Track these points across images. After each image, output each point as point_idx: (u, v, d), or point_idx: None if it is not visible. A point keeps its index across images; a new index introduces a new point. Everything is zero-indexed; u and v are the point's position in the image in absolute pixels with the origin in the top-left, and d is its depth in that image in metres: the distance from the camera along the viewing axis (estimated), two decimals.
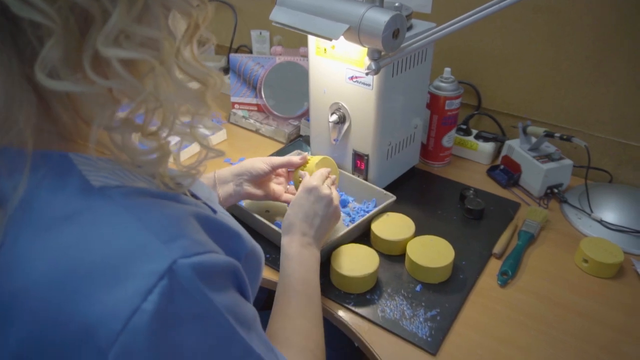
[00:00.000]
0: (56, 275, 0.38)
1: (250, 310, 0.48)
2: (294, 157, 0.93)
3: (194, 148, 1.20)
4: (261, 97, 1.32)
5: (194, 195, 0.53)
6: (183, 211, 0.44)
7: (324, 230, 0.81)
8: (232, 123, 1.34)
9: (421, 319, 0.76)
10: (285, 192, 0.96)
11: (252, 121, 1.31)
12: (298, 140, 1.25)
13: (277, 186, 0.95)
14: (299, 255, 0.75)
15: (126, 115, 0.43)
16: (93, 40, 0.37)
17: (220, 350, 0.42)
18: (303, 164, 0.92)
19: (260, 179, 0.90)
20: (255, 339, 0.46)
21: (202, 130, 0.50)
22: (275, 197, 0.94)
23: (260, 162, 0.91)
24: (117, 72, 0.38)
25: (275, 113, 1.31)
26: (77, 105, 0.42)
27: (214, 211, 0.53)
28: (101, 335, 0.37)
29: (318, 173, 0.84)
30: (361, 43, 0.79)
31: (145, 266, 0.38)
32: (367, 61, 0.82)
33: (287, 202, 0.92)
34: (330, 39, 0.80)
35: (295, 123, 1.28)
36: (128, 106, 0.43)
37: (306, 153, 0.95)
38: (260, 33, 1.49)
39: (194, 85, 0.46)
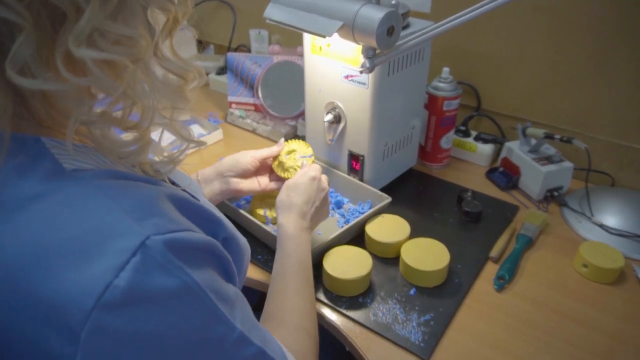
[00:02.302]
0: (25, 254, 0.37)
1: (231, 289, 0.47)
2: (274, 147, 0.92)
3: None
4: (258, 97, 1.30)
5: (173, 184, 0.52)
6: (158, 191, 0.44)
7: (316, 221, 0.82)
8: (229, 122, 1.33)
9: (414, 324, 0.74)
10: (270, 180, 0.94)
11: (249, 121, 1.29)
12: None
13: (261, 177, 0.93)
14: (297, 236, 0.74)
15: (104, 109, 0.43)
16: (65, 38, 0.36)
17: (202, 326, 0.41)
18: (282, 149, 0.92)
19: (247, 174, 0.89)
20: (239, 317, 0.45)
21: (197, 130, 0.50)
22: (262, 189, 0.92)
23: (244, 157, 0.89)
24: (91, 71, 0.37)
25: (272, 113, 1.30)
26: (52, 100, 0.41)
27: (196, 199, 0.52)
28: (73, 314, 0.36)
29: (318, 167, 0.84)
30: (355, 40, 0.77)
31: (116, 243, 0.38)
32: (361, 59, 0.80)
33: (274, 190, 0.92)
34: (324, 36, 0.78)
35: (292, 123, 1.27)
36: (106, 99, 0.42)
37: (282, 139, 0.94)
38: (259, 32, 1.47)
39: (173, 79, 0.46)
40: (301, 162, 0.89)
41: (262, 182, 0.92)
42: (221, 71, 1.51)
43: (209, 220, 0.50)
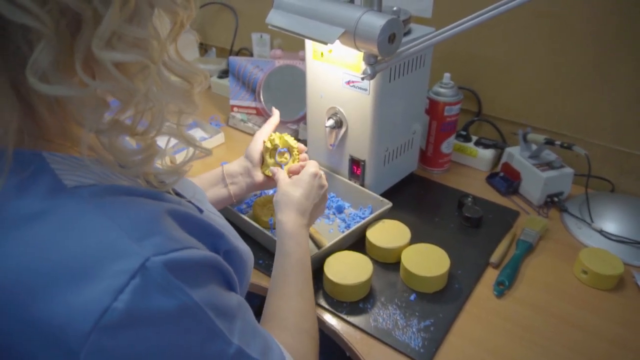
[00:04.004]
0: (24, 274, 0.37)
1: (233, 299, 0.47)
2: (271, 119, 0.93)
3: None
4: (260, 101, 1.31)
5: (178, 194, 0.52)
6: (158, 208, 0.43)
7: (314, 218, 0.82)
8: (230, 126, 1.34)
9: (414, 329, 0.74)
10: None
11: (250, 125, 1.30)
12: None
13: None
14: (297, 235, 0.74)
15: (114, 116, 0.43)
16: (85, 43, 0.37)
17: (200, 344, 0.41)
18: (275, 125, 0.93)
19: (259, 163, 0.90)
20: (239, 329, 0.45)
21: (199, 133, 0.50)
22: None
23: (253, 144, 0.90)
24: (111, 75, 0.38)
25: None
26: (66, 108, 0.41)
27: (200, 210, 0.52)
28: (70, 336, 0.36)
29: (316, 162, 0.85)
30: (357, 47, 0.78)
31: (115, 265, 0.37)
32: (363, 66, 0.80)
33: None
34: (326, 43, 0.79)
35: (294, 127, 1.27)
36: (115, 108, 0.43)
37: (275, 110, 0.95)
38: (261, 36, 1.48)
39: (181, 83, 0.46)
40: (282, 158, 0.90)
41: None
42: (223, 74, 1.51)
43: (210, 234, 0.50)
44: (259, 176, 0.89)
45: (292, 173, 0.85)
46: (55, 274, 0.37)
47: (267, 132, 0.91)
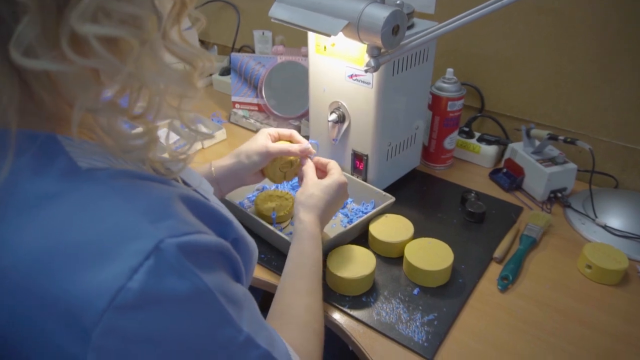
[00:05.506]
0: (40, 254, 0.37)
1: (240, 289, 0.47)
2: (293, 147, 0.86)
3: (196, 144, 1.18)
4: (262, 97, 1.30)
5: (185, 183, 0.52)
6: (171, 192, 0.43)
7: (326, 223, 0.83)
8: (232, 122, 1.33)
9: (418, 324, 0.74)
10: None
11: (252, 121, 1.29)
12: None
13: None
14: (317, 236, 0.75)
15: (111, 99, 0.42)
16: (69, 17, 0.36)
17: (211, 329, 0.41)
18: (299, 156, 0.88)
19: (255, 169, 0.86)
20: (247, 318, 0.45)
21: (201, 130, 0.49)
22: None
23: (258, 145, 0.85)
24: (96, 51, 0.37)
25: (276, 113, 1.30)
26: (58, 86, 0.40)
27: (206, 199, 0.52)
28: (86, 315, 0.36)
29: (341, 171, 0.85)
30: (360, 39, 0.77)
31: (131, 246, 0.38)
32: (366, 58, 0.80)
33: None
34: (329, 35, 0.78)
35: (296, 123, 1.27)
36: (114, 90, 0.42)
37: (309, 146, 0.89)
38: (263, 33, 1.48)
39: (182, 66, 0.45)
40: (285, 169, 0.89)
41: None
42: (225, 72, 1.51)
43: (220, 221, 0.50)
44: (248, 174, 0.86)
45: (317, 167, 0.86)
46: (73, 254, 0.37)
47: (278, 149, 0.86)
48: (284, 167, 0.88)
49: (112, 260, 0.37)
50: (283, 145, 0.86)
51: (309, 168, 0.85)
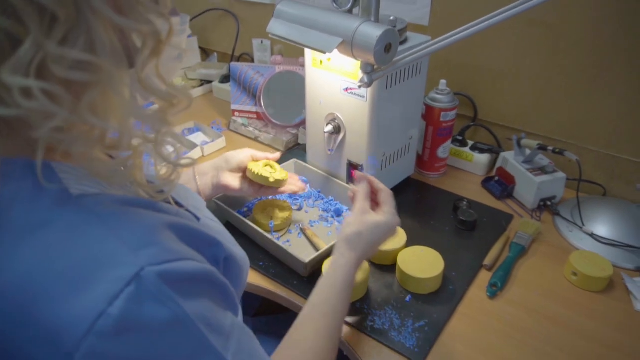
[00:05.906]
0: (25, 279, 0.39)
1: (228, 319, 0.48)
2: (274, 154, 0.98)
3: (196, 152, 1.21)
4: (261, 106, 1.33)
5: (177, 203, 0.53)
6: (157, 220, 0.45)
7: (365, 259, 0.78)
8: (231, 130, 1.36)
9: (409, 330, 0.77)
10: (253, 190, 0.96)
11: (251, 129, 1.32)
12: (296, 149, 1.26)
13: (250, 185, 0.95)
14: (352, 275, 0.70)
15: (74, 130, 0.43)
16: (1, 70, 0.36)
17: (191, 357, 0.42)
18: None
19: (240, 168, 0.93)
20: (234, 348, 0.46)
21: (200, 137, 0.50)
22: (253, 194, 0.95)
23: (242, 152, 0.93)
24: (36, 97, 0.37)
25: (274, 121, 1.33)
26: (14, 123, 0.42)
27: (197, 218, 0.54)
28: (68, 339, 0.38)
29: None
30: (354, 56, 0.80)
31: (112, 273, 0.39)
32: (360, 74, 0.83)
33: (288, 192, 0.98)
34: (324, 52, 0.81)
35: (294, 131, 1.30)
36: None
37: (277, 153, 0.99)
38: (262, 42, 1.51)
39: (155, 103, 0.46)
40: (268, 169, 0.94)
41: (248, 190, 0.95)
42: (224, 79, 1.54)
43: (209, 244, 0.51)
44: (226, 178, 0.92)
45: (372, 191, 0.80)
46: (57, 279, 0.39)
47: (259, 156, 0.95)
48: (265, 169, 0.93)
49: (93, 286, 0.38)
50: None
51: (361, 190, 0.78)
